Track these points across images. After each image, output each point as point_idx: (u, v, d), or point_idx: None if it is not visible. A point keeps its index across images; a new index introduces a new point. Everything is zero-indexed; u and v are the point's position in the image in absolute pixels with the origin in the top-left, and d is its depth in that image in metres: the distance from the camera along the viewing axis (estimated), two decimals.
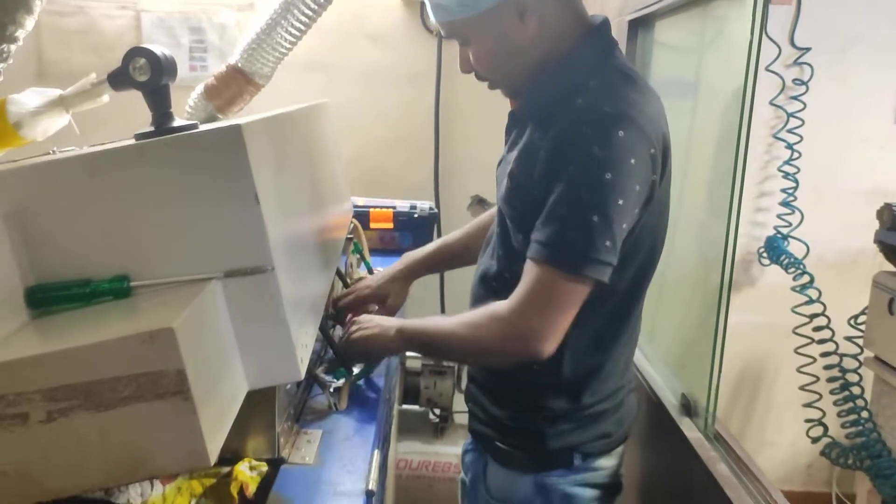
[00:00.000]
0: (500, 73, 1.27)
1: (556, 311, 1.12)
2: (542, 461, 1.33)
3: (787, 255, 2.28)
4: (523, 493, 1.34)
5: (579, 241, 1.09)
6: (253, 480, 1.12)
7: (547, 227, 1.12)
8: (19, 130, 1.15)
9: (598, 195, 1.08)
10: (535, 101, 1.26)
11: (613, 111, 1.12)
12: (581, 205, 1.09)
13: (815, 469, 2.68)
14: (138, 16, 2.82)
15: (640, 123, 1.12)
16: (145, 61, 1.02)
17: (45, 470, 0.84)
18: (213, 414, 0.88)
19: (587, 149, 1.09)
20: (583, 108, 1.13)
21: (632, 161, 1.10)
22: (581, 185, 1.10)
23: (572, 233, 1.10)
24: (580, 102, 1.15)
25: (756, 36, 1.24)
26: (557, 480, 1.33)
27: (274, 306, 0.99)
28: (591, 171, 1.09)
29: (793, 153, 2.33)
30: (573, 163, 1.10)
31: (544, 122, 1.18)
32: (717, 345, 1.37)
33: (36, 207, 0.96)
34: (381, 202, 2.53)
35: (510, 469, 1.35)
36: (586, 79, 1.18)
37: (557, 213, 1.11)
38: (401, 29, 2.90)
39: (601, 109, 1.12)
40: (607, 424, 1.34)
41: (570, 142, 1.12)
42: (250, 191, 0.94)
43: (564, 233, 1.10)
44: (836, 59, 2.38)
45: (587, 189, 1.09)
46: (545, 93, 1.23)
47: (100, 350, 0.81)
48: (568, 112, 1.14)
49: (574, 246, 1.09)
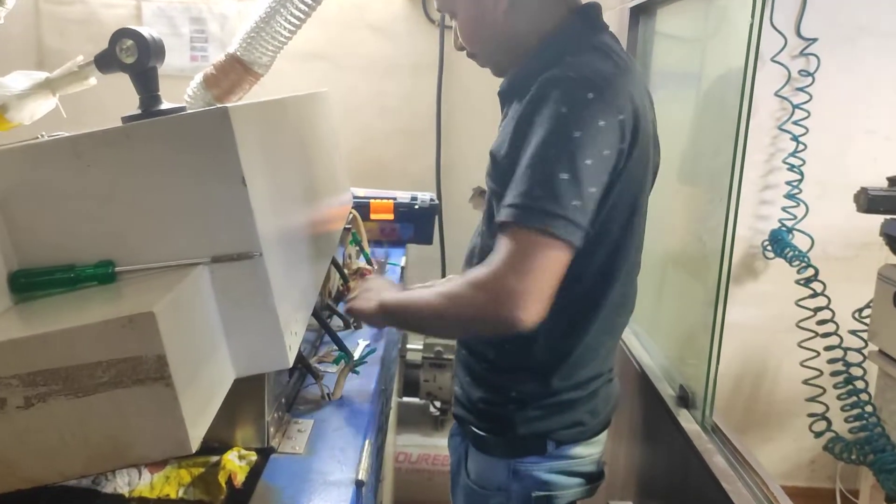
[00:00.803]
0: (479, 46, 1.31)
1: (533, 273, 1.05)
2: (515, 447, 1.33)
3: (791, 248, 2.26)
4: (500, 478, 1.34)
5: (547, 199, 1.05)
6: (241, 469, 1.10)
7: (515, 188, 1.08)
8: (5, 113, 1.14)
9: (566, 152, 1.06)
10: (515, 78, 1.27)
11: (580, 76, 1.11)
12: (549, 162, 1.06)
13: (819, 464, 2.65)
14: (139, 5, 2.81)
15: (609, 91, 1.11)
16: (132, 43, 1.01)
17: (24, 457, 0.83)
18: (195, 401, 0.87)
19: (556, 109, 1.07)
20: (552, 75, 1.12)
21: (600, 123, 1.08)
22: (549, 143, 1.06)
23: (539, 190, 1.05)
24: (552, 72, 1.13)
25: (757, 21, 1.21)
26: (531, 467, 1.33)
27: (261, 293, 0.98)
28: (560, 128, 1.06)
29: (798, 145, 2.31)
30: (541, 124, 1.08)
31: (520, 97, 1.17)
32: (715, 336, 1.35)
33: (20, 191, 0.95)
34: (381, 193, 2.52)
35: (487, 454, 1.36)
36: (563, 55, 1.17)
37: (525, 173, 1.07)
38: (402, 19, 2.88)
39: (568, 75, 1.11)
40: (579, 413, 1.32)
41: (539, 104, 1.10)
42: (237, 173, 0.93)
43: (531, 191, 1.06)
44: (843, 50, 2.35)
45: (555, 147, 1.06)
46: (523, 73, 1.23)
47: (78, 334, 0.79)
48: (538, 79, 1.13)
49: (542, 203, 1.05)
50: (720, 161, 1.38)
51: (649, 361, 1.75)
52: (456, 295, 1.12)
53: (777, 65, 2.27)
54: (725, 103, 1.41)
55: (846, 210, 2.38)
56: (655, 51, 1.93)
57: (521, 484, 1.34)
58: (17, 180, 0.95)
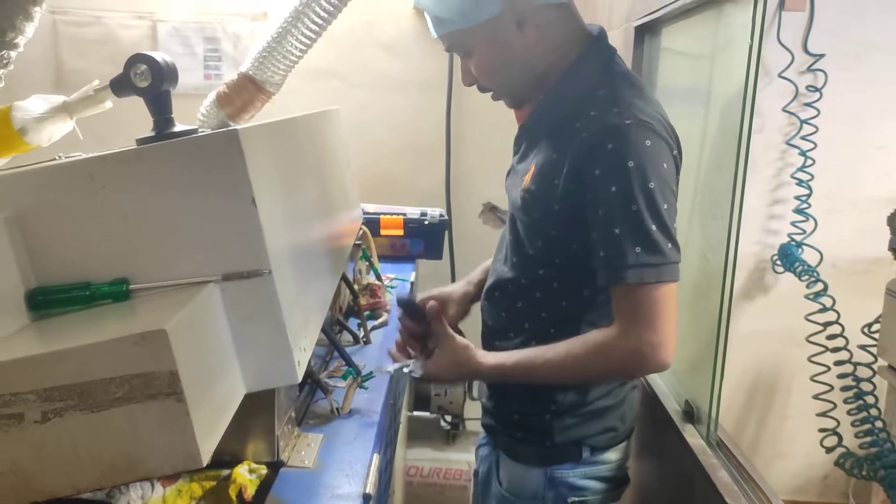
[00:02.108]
0: (501, 83, 1.31)
1: (662, 320, 1.15)
2: (551, 454, 1.36)
3: (800, 262, 2.25)
4: (534, 485, 1.37)
5: (649, 254, 1.13)
6: (252, 483, 1.12)
7: (612, 249, 1.15)
8: (24, 136, 1.17)
9: (649, 205, 1.12)
10: (543, 113, 1.29)
11: (632, 122, 1.15)
12: (637, 218, 1.13)
13: (831, 480, 2.63)
14: (154, 26, 2.86)
15: (658, 129, 1.16)
16: (146, 67, 1.04)
17: (40, 470, 0.85)
18: (207, 416, 0.89)
19: (622, 163, 1.12)
20: (600, 124, 1.16)
21: (664, 166, 1.15)
22: (629, 200, 1.12)
23: (639, 248, 1.13)
24: (593, 115, 1.17)
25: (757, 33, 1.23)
26: (567, 473, 1.36)
27: (271, 310, 1.00)
28: (635, 184, 1.12)
29: (806, 160, 2.31)
30: (612, 182, 1.13)
31: (557, 135, 1.23)
32: (719, 351, 1.36)
33: (37, 211, 0.98)
34: (391, 209, 2.54)
35: (521, 462, 1.39)
36: (593, 88, 1.22)
37: (614, 234, 1.14)
38: (412, 37, 2.92)
39: (620, 123, 1.14)
40: (611, 419, 1.36)
41: (600, 161, 1.14)
42: (247, 194, 0.96)
43: (628, 250, 1.13)
44: (851, 65, 2.35)
45: (635, 203, 1.12)
46: (553, 105, 1.27)
47: (93, 351, 0.82)
48: (584, 126, 1.17)
49: (645, 259, 1.13)
50: (723, 177, 1.40)
51: (655, 377, 1.75)
52: (587, 359, 1.20)
53: (785, 81, 2.27)
54: (730, 120, 1.43)
55: (855, 225, 2.39)
56: (661, 69, 1.94)
57: (556, 491, 1.37)
58: (34, 201, 0.98)
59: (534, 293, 1.33)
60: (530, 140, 1.32)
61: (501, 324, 1.39)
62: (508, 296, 1.37)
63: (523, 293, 1.33)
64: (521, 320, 1.35)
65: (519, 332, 1.35)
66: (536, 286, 1.32)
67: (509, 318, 1.37)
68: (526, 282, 1.32)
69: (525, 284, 1.33)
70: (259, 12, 2.85)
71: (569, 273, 1.27)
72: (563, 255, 1.27)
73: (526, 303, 1.34)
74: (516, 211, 1.32)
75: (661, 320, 1.15)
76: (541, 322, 1.32)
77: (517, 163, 1.37)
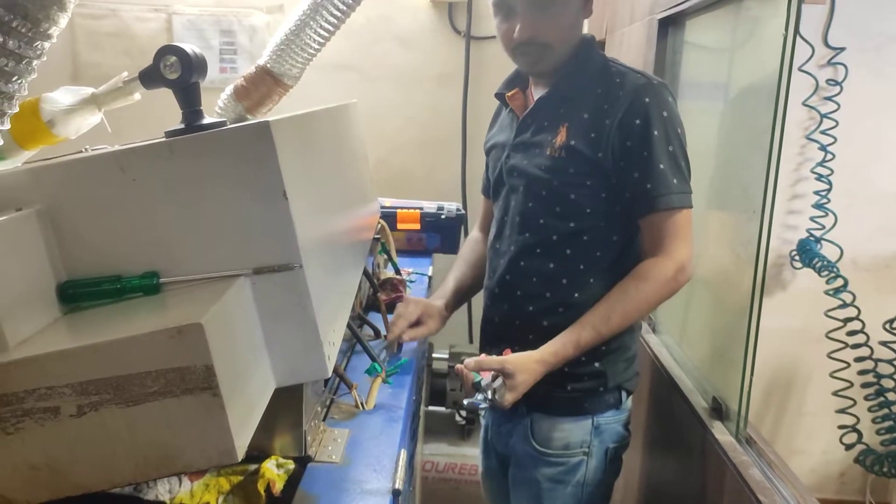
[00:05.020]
0: (560, 42, 1.45)
1: (690, 240, 1.40)
2: (601, 402, 1.49)
3: (820, 258, 2.24)
4: (581, 436, 1.48)
5: (684, 183, 1.40)
6: (280, 478, 1.12)
7: (657, 181, 1.37)
8: (52, 128, 1.16)
9: (679, 145, 1.39)
10: (565, 86, 1.48)
11: (658, 82, 1.43)
12: (674, 156, 1.38)
13: (849, 477, 2.62)
14: (170, 18, 2.85)
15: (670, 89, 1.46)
16: (176, 59, 1.03)
17: (75, 464, 0.84)
18: (240, 410, 0.88)
19: (659, 114, 1.38)
20: (633, 84, 1.41)
21: (678, 114, 1.42)
22: (668, 141, 1.37)
23: (677, 179, 1.38)
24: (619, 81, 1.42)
25: (791, 34, 1.21)
26: (610, 420, 1.50)
27: (302, 304, 0.99)
28: (670, 129, 1.38)
29: (826, 155, 2.29)
30: (655, 128, 1.37)
31: (583, 101, 1.44)
32: (749, 346, 1.35)
33: (68, 204, 0.97)
34: (408, 203, 2.53)
35: (567, 416, 1.48)
36: (603, 66, 1.47)
37: (660, 169, 1.37)
38: (429, 30, 2.91)
39: (650, 83, 1.41)
40: (636, 362, 1.55)
41: (640, 112, 1.38)
42: (279, 187, 0.95)
43: (671, 181, 1.37)
44: (871, 58, 2.33)
45: (671, 144, 1.38)
46: (574, 80, 1.48)
47: (129, 345, 0.81)
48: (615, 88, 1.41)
49: (682, 187, 1.39)
50: (751, 172, 1.38)
51: (680, 372, 1.74)
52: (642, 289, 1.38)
53: (804, 74, 2.25)
54: (756, 114, 1.41)
55: (875, 220, 2.37)
56: (684, 62, 1.93)
57: (600, 439, 1.49)
58: (65, 193, 0.97)
59: (564, 250, 1.46)
60: (550, 111, 1.48)
61: (534, 289, 1.49)
62: (537, 260, 1.49)
63: (553, 252, 1.47)
64: (557, 278, 1.47)
65: (557, 290, 1.47)
66: (566, 243, 1.46)
67: (543, 281, 1.48)
68: (558, 238, 1.46)
69: (556, 241, 1.46)
70: (275, 4, 2.84)
71: (596, 224, 1.44)
72: (593, 206, 1.43)
73: (558, 262, 1.47)
74: (539, 176, 1.46)
75: (690, 238, 1.40)
76: (580, 274, 1.46)
77: (532, 136, 1.50)
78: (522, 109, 1.56)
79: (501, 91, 1.62)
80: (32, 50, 0.80)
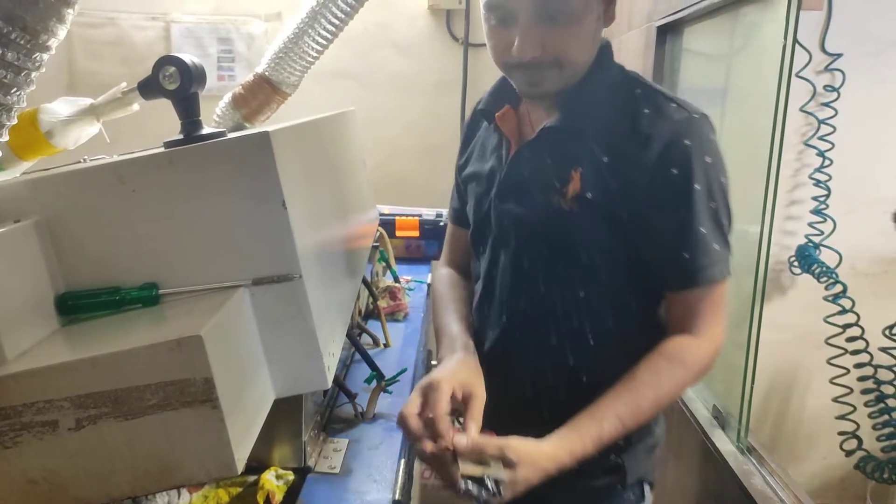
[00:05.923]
0: (579, 60, 1.13)
1: (724, 312, 1.15)
2: (617, 502, 1.23)
3: (818, 263, 2.23)
4: None
5: (724, 249, 1.12)
6: (279, 489, 1.12)
7: (693, 249, 1.10)
8: (51, 139, 1.16)
9: (722, 199, 1.10)
10: (580, 115, 1.14)
11: (699, 115, 1.11)
12: (716, 214, 1.10)
13: (849, 483, 2.61)
14: (168, 27, 2.85)
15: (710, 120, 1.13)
16: (175, 69, 1.03)
17: (74, 478, 0.84)
18: (240, 422, 0.87)
19: (702, 162, 1.08)
20: (667, 120, 1.09)
21: (722, 154, 1.12)
22: (710, 197, 1.09)
23: (717, 244, 1.10)
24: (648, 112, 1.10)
25: (790, 40, 1.21)
26: None
27: (301, 314, 0.99)
28: (713, 180, 1.09)
29: (824, 160, 2.29)
30: (697, 181, 1.08)
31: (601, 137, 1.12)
32: (750, 354, 1.34)
33: (66, 215, 0.97)
34: (407, 210, 2.53)
35: None
36: (624, 88, 1.15)
37: (701, 234, 1.09)
38: (427, 38, 2.91)
39: (690, 118, 1.10)
40: (657, 449, 1.28)
41: (678, 159, 1.08)
42: (278, 197, 0.94)
43: (712, 248, 1.10)
44: (869, 64, 2.33)
45: (716, 199, 1.10)
46: (584, 105, 1.14)
47: (128, 357, 0.81)
48: (643, 125, 1.09)
49: (721, 256, 1.11)
50: (750, 178, 1.38)
51: None
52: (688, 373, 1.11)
53: (802, 80, 2.25)
54: (754, 119, 1.41)
55: (874, 226, 2.37)
56: (683, 69, 1.93)
57: None
58: (63, 204, 0.97)
59: (570, 322, 1.18)
60: (557, 146, 1.15)
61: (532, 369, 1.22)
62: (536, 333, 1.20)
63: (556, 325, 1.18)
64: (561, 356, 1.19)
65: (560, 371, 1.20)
66: (573, 314, 1.17)
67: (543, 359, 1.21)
68: (563, 308, 1.17)
69: (561, 312, 1.17)
70: (273, 13, 2.84)
71: (612, 292, 1.16)
72: (609, 271, 1.15)
73: (562, 336, 1.19)
74: (540, 230, 1.17)
75: (723, 312, 1.14)
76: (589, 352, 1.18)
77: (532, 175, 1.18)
78: (516, 135, 1.23)
79: (487, 108, 1.27)
80: (31, 62, 0.79)
